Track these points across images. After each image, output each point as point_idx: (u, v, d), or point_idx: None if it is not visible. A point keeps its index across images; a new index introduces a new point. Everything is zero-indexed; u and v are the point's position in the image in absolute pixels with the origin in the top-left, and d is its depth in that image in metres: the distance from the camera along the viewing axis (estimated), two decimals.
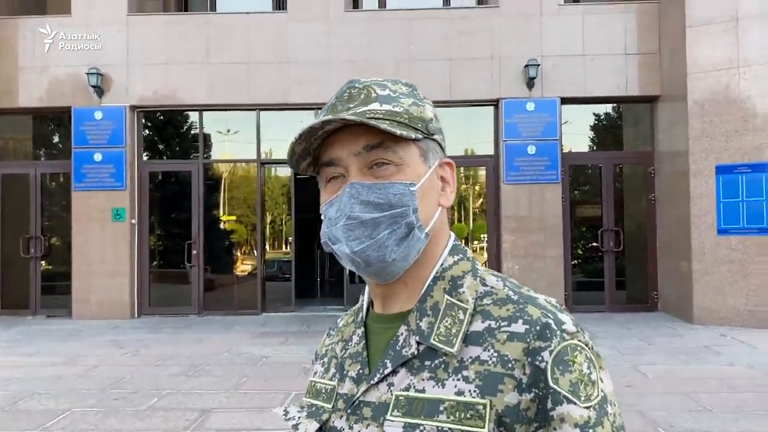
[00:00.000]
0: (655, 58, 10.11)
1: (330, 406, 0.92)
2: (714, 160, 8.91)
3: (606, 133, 12.00)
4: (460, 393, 0.79)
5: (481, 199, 14.00)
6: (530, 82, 10.03)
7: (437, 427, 0.78)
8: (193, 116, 11.02)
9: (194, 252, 10.53)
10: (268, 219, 11.67)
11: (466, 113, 10.72)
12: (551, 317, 0.81)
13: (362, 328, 0.96)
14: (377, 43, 10.30)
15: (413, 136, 0.88)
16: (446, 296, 0.88)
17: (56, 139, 12.11)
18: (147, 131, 11.15)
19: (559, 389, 0.77)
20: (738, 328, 8.47)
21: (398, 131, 0.85)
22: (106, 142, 10.28)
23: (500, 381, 0.78)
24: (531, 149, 10.09)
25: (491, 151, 10.60)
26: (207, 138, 11.17)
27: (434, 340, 0.84)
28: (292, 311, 10.62)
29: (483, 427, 0.77)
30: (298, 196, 10.94)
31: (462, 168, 12.91)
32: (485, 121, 10.59)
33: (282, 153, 11.04)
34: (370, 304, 1.00)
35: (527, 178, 10.11)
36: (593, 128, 11.81)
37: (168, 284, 11.16)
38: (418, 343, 0.86)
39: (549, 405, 0.77)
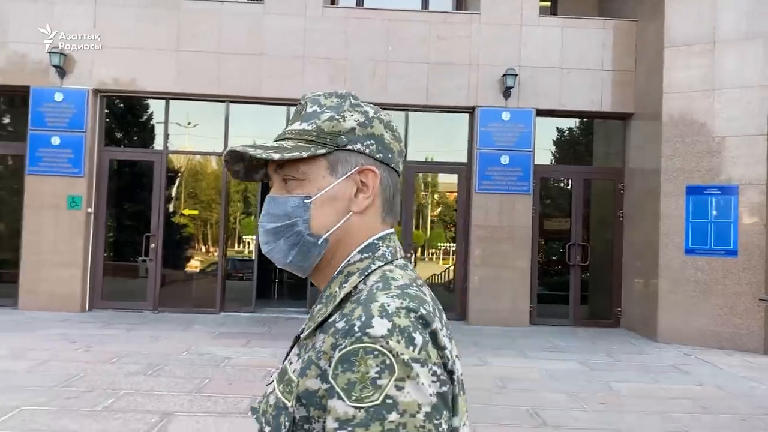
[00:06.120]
0: (631, 75, 10.17)
1: None
2: (685, 180, 8.97)
3: (577, 147, 12.05)
4: (294, 371, 0.92)
5: (440, 208, 13.93)
6: (507, 92, 9.95)
7: (279, 390, 0.93)
8: (158, 104, 10.56)
9: (152, 245, 10.07)
10: (231, 215, 11.25)
11: (441, 119, 10.59)
12: (363, 320, 0.83)
13: None
14: (355, 41, 10.08)
15: (305, 155, 0.96)
16: (337, 289, 0.96)
17: (7, 119, 11.43)
18: (106, 117, 10.63)
19: (335, 384, 0.81)
20: (701, 348, 8.52)
21: (276, 155, 0.95)
22: (66, 125, 9.73)
23: (309, 367, 0.88)
24: (504, 159, 10.00)
25: (464, 159, 10.47)
26: (171, 128, 10.72)
27: (308, 324, 0.96)
28: (251, 312, 10.28)
29: (290, 401, 0.89)
30: (264, 194, 10.61)
31: (430, 175, 12.84)
32: (460, 128, 10.46)
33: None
34: None
35: (499, 188, 10.01)
36: (565, 141, 11.84)
37: (121, 278, 10.65)
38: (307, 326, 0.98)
39: (327, 397, 0.83)
